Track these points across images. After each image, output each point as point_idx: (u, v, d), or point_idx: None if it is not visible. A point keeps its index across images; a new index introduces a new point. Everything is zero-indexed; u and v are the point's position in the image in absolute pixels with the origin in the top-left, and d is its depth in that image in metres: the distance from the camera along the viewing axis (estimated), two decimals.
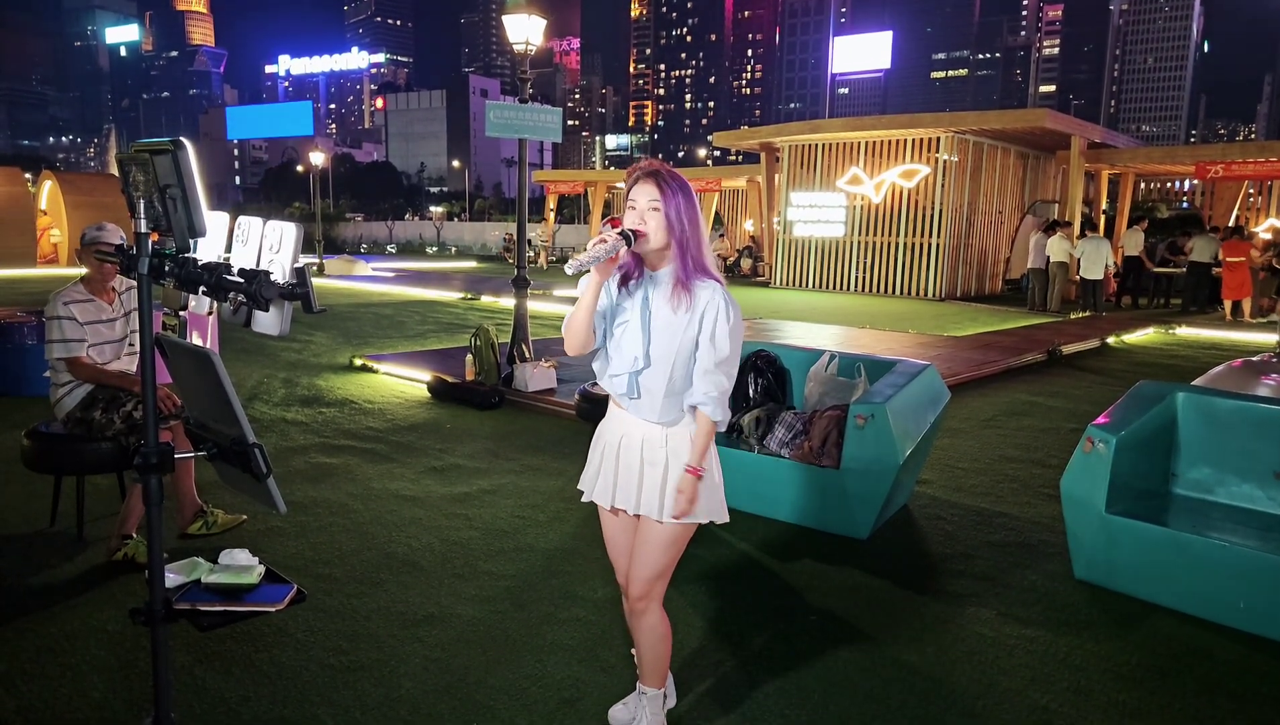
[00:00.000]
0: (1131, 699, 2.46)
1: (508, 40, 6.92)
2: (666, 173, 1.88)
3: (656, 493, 1.95)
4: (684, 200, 1.86)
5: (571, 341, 1.96)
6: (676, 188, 1.86)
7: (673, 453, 1.95)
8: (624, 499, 1.99)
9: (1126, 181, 19.05)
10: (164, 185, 1.35)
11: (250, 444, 1.43)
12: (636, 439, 1.97)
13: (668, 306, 1.89)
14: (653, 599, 2.04)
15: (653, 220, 1.85)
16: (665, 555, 2.01)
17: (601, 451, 2.04)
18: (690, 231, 1.87)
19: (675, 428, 1.96)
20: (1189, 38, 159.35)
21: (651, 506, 1.96)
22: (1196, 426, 3.42)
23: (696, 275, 1.89)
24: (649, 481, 1.96)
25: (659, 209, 1.84)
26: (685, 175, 1.97)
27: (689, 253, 1.88)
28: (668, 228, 1.86)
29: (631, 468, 1.97)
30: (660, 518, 1.95)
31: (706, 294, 1.89)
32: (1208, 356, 9.12)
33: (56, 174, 21.86)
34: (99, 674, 2.44)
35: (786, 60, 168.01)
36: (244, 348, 8.23)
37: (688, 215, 1.86)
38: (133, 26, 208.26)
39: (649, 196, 1.85)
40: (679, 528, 1.99)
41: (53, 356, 3.28)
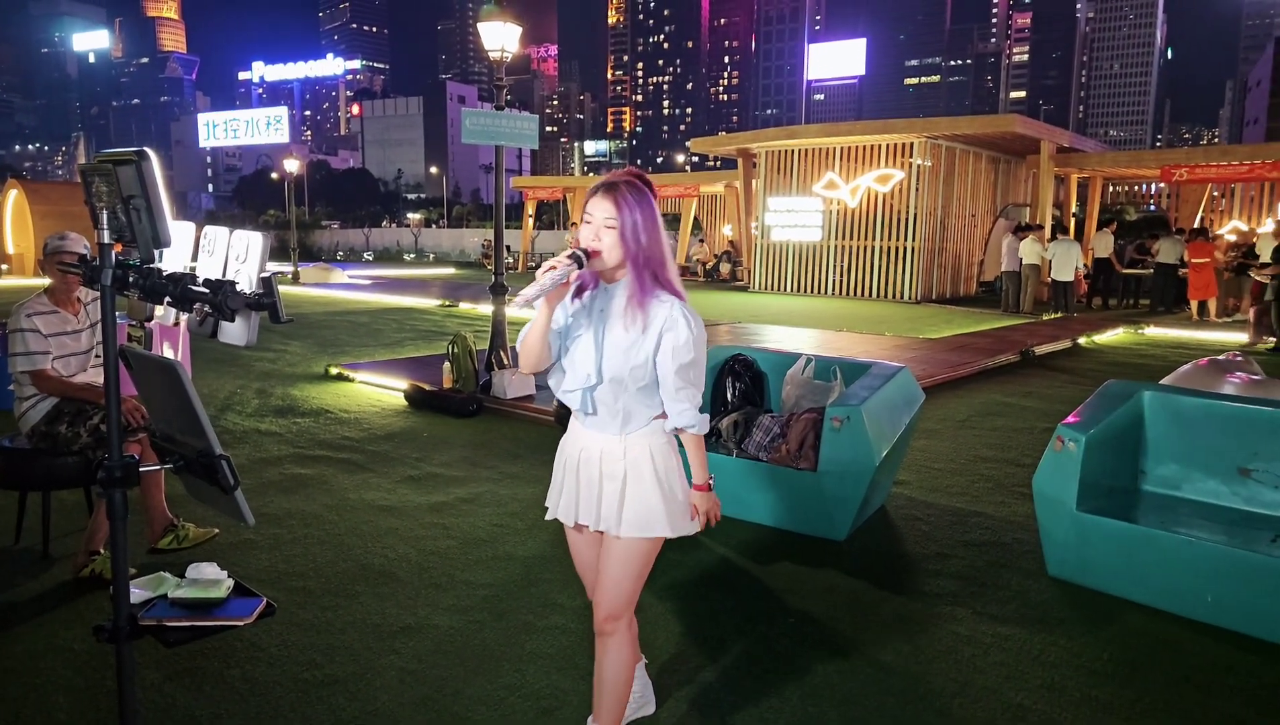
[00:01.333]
0: (1103, 694, 2.49)
1: (484, 47, 6.91)
2: (626, 185, 1.80)
3: (615, 507, 1.88)
4: (642, 215, 1.79)
5: (526, 361, 1.92)
6: (634, 202, 1.78)
7: (631, 464, 1.88)
8: (586, 514, 1.93)
9: (1095, 185, 19.41)
10: (128, 196, 1.33)
11: (217, 456, 1.41)
12: (595, 452, 1.91)
13: (621, 323, 1.83)
14: (620, 619, 1.96)
15: (607, 238, 1.79)
16: (629, 571, 1.93)
17: (563, 467, 1.99)
18: (649, 247, 1.80)
19: (634, 437, 1.89)
20: (1153, 45, 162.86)
21: (610, 521, 1.89)
22: (1164, 424, 3.48)
23: (654, 290, 1.82)
24: (608, 495, 1.89)
25: (614, 227, 1.78)
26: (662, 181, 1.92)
27: (645, 270, 1.81)
28: (623, 246, 1.79)
29: (591, 482, 1.92)
30: (620, 533, 1.88)
31: (663, 311, 1.81)
32: (1176, 356, 9.30)
33: (22, 182, 21.43)
34: (65, 694, 2.39)
35: (763, 67, 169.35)
36: (217, 358, 8.11)
37: (646, 231, 1.79)
38: (102, 33, 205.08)
39: (605, 213, 1.79)
40: (642, 543, 1.91)
41: (16, 369, 3.21)
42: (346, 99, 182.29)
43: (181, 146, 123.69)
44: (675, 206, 25.18)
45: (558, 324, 1.90)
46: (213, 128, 34.09)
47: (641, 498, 1.88)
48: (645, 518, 1.88)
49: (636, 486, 1.88)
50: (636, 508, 1.88)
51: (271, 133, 32.59)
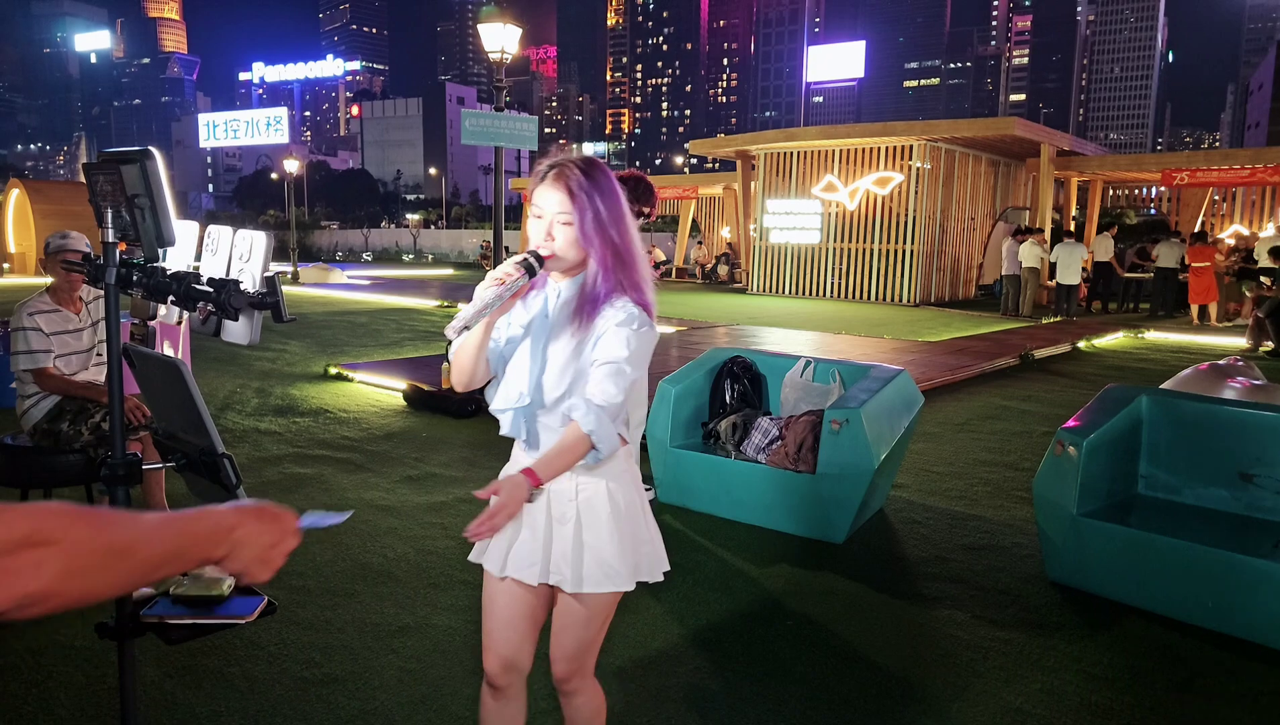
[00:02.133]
0: (1103, 699, 2.50)
1: (484, 48, 6.92)
2: (579, 168, 1.48)
3: (569, 559, 1.55)
4: (604, 203, 1.47)
5: (458, 376, 1.58)
6: (593, 190, 1.46)
7: (584, 505, 1.55)
8: (520, 566, 1.57)
9: (1095, 188, 19.44)
10: (132, 195, 1.34)
11: (219, 454, 1.42)
12: (541, 491, 1.52)
13: (569, 329, 1.51)
14: (583, 677, 1.68)
15: (563, 235, 1.47)
16: (591, 629, 1.63)
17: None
18: (606, 241, 1.47)
19: (588, 475, 1.55)
20: (1154, 48, 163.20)
21: (565, 577, 1.55)
22: (1164, 429, 3.49)
23: (615, 295, 1.49)
24: (559, 545, 1.55)
25: (570, 222, 1.47)
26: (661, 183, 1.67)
27: (603, 269, 1.48)
28: (585, 243, 1.47)
29: (536, 528, 1.57)
30: (581, 589, 1.55)
31: (611, 313, 1.49)
32: (1176, 360, 9.31)
33: (25, 182, 21.43)
34: (65, 691, 2.39)
35: (762, 69, 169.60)
36: (217, 357, 8.11)
37: (613, 222, 1.47)
38: (103, 33, 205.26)
39: (557, 206, 1.47)
40: (606, 598, 1.60)
41: (19, 368, 3.22)
42: (346, 100, 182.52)
43: (182, 147, 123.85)
44: (674, 209, 25.21)
45: (497, 333, 1.57)
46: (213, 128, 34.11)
47: (598, 547, 1.56)
48: (603, 571, 1.56)
49: (592, 534, 1.55)
50: (595, 559, 1.56)
51: (271, 133, 32.62)
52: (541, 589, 1.63)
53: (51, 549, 0.65)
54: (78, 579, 0.67)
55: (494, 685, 1.69)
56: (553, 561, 1.56)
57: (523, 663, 1.70)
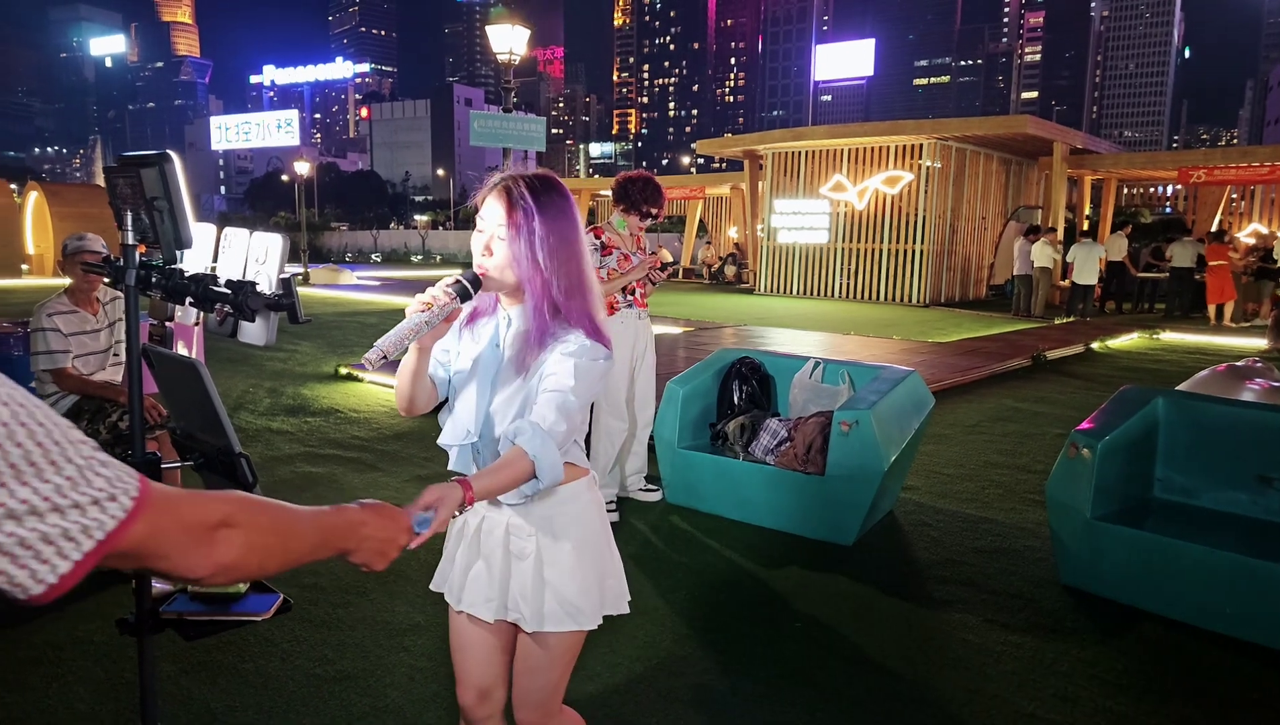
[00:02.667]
0: (1118, 705, 2.48)
1: (492, 50, 6.95)
2: (526, 183, 1.39)
3: (530, 597, 1.46)
4: (546, 223, 1.36)
5: (399, 402, 1.50)
6: (536, 206, 1.36)
7: (545, 541, 1.47)
8: (477, 600, 1.50)
9: (1109, 187, 19.30)
10: (151, 197, 1.36)
11: (236, 454, 1.43)
12: (499, 523, 1.48)
13: (517, 362, 1.41)
14: (551, 714, 1.59)
15: (499, 252, 1.37)
16: (554, 673, 1.54)
17: (458, 534, 1.56)
18: (555, 267, 1.36)
19: (546, 508, 1.47)
20: (1170, 44, 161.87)
21: (525, 614, 1.47)
22: (1180, 431, 3.46)
23: (559, 325, 1.38)
24: (517, 582, 1.47)
25: (504, 236, 1.37)
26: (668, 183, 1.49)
27: (546, 297, 1.37)
28: (518, 264, 1.36)
29: (493, 562, 1.49)
30: (543, 628, 1.47)
31: (562, 346, 1.38)
32: (1192, 361, 9.23)
33: (42, 185, 21.67)
34: (85, 685, 2.42)
35: (769, 68, 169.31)
36: (229, 357, 8.18)
37: (552, 244, 1.36)
38: (118, 38, 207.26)
39: (496, 219, 1.38)
40: (570, 638, 1.51)
41: (38, 368, 3.26)
42: (355, 102, 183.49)
43: (194, 149, 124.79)
44: (681, 209, 25.20)
45: (444, 358, 1.49)
46: (225, 130, 34.38)
47: (560, 585, 1.48)
48: (565, 610, 1.48)
49: (554, 570, 1.47)
50: (557, 597, 1.48)
51: (282, 135, 32.77)
52: (501, 624, 1.54)
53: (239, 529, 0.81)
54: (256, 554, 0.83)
55: (472, 719, 1.60)
56: (510, 598, 1.48)
57: (499, 692, 1.61)
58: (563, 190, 1.41)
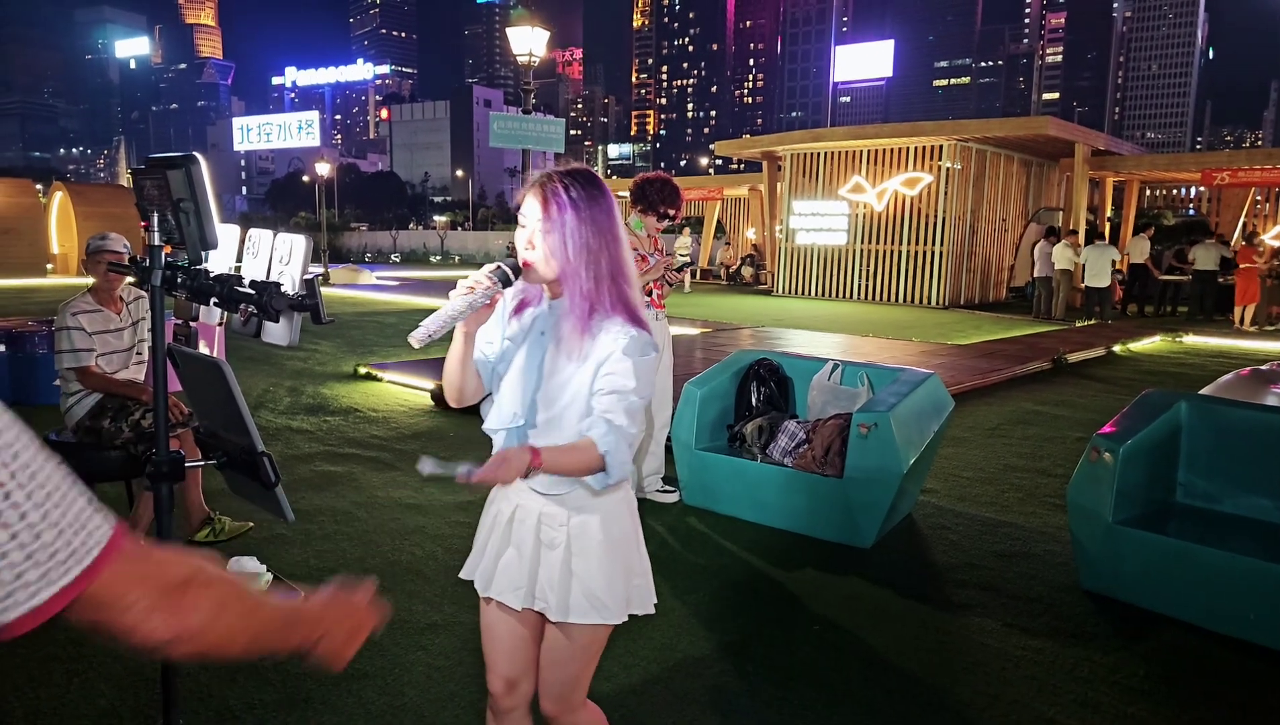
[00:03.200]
0: (1139, 711, 2.45)
1: (511, 51, 6.98)
2: (561, 178, 1.44)
3: (557, 587, 1.50)
4: (582, 217, 1.42)
5: (448, 392, 1.57)
6: (574, 201, 1.42)
7: (576, 531, 1.50)
8: (506, 588, 1.54)
9: (1131, 189, 19.06)
10: (177, 199, 1.38)
11: (259, 453, 1.45)
12: (532, 512, 1.52)
13: (563, 349, 1.46)
14: (572, 711, 1.63)
15: (541, 245, 1.43)
16: (578, 664, 1.58)
17: (490, 524, 1.60)
18: (583, 257, 1.42)
19: (580, 500, 1.51)
20: (1193, 44, 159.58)
21: (552, 605, 1.50)
22: (1203, 436, 3.41)
23: (599, 314, 1.44)
24: (547, 569, 1.51)
25: (545, 232, 1.43)
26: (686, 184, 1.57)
27: (580, 285, 1.43)
28: (558, 256, 1.43)
29: (524, 550, 1.53)
30: (568, 618, 1.50)
31: (608, 340, 1.43)
32: (1215, 365, 9.09)
33: (67, 185, 22.03)
34: (106, 681, 2.45)
35: (788, 69, 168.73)
36: (250, 356, 8.26)
37: (591, 237, 1.42)
38: (142, 39, 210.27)
39: (536, 215, 1.44)
40: (597, 631, 1.55)
41: (62, 366, 3.31)
42: (375, 103, 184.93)
43: (216, 150, 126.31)
44: (699, 210, 25.17)
45: (490, 349, 1.54)
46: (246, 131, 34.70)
47: (588, 577, 1.51)
48: (592, 603, 1.51)
49: (582, 562, 1.51)
50: (584, 589, 1.51)
51: (303, 136, 33.10)
52: (529, 614, 1.57)
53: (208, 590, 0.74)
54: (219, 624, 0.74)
55: (499, 708, 1.64)
56: (539, 586, 1.52)
57: (526, 684, 1.64)
58: (599, 184, 1.47)
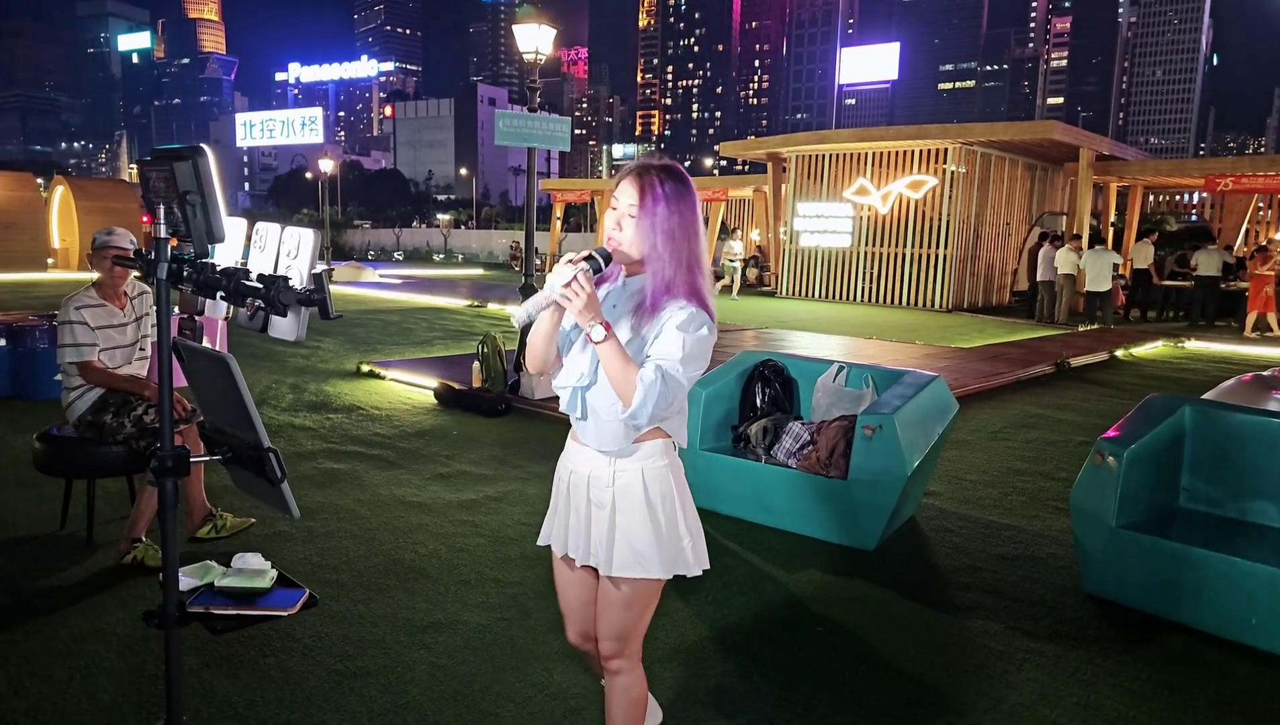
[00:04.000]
0: (1141, 715, 2.44)
1: (516, 49, 6.97)
2: (658, 172, 1.59)
3: (604, 542, 1.67)
4: (667, 210, 1.56)
5: (531, 361, 1.74)
6: (662, 194, 1.56)
7: (620, 492, 1.66)
8: (574, 546, 1.74)
9: (1135, 194, 19.03)
10: (184, 191, 1.37)
11: (265, 449, 1.44)
12: (583, 475, 1.71)
13: (629, 323, 1.61)
14: (626, 658, 1.77)
15: (629, 228, 1.59)
16: (630, 613, 1.72)
17: (557, 489, 1.81)
18: (668, 249, 1.56)
19: (625, 461, 1.67)
20: (1198, 50, 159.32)
21: (599, 557, 1.69)
22: (1207, 440, 3.40)
23: (672, 296, 1.58)
24: (596, 528, 1.69)
25: (636, 216, 1.57)
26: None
27: (663, 270, 1.57)
28: (645, 239, 1.57)
29: (579, 510, 1.72)
30: (610, 572, 1.68)
31: (670, 312, 1.58)
32: (1218, 370, 9.08)
33: (69, 179, 22.03)
34: (108, 677, 2.45)
35: (793, 71, 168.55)
36: (252, 353, 8.26)
37: (666, 227, 1.55)
38: (145, 34, 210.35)
39: (630, 199, 1.58)
40: (640, 584, 1.70)
41: (65, 361, 3.30)
42: (379, 100, 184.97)
43: (219, 146, 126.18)
44: (703, 211, 25.10)
45: (568, 324, 1.70)
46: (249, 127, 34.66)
47: (631, 533, 1.66)
48: (635, 557, 1.66)
49: (625, 519, 1.66)
50: (626, 544, 1.66)
51: (306, 133, 33.08)
52: (590, 569, 1.77)
53: None
54: None
55: (582, 652, 1.91)
56: (592, 543, 1.70)
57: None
58: (688, 181, 1.61)
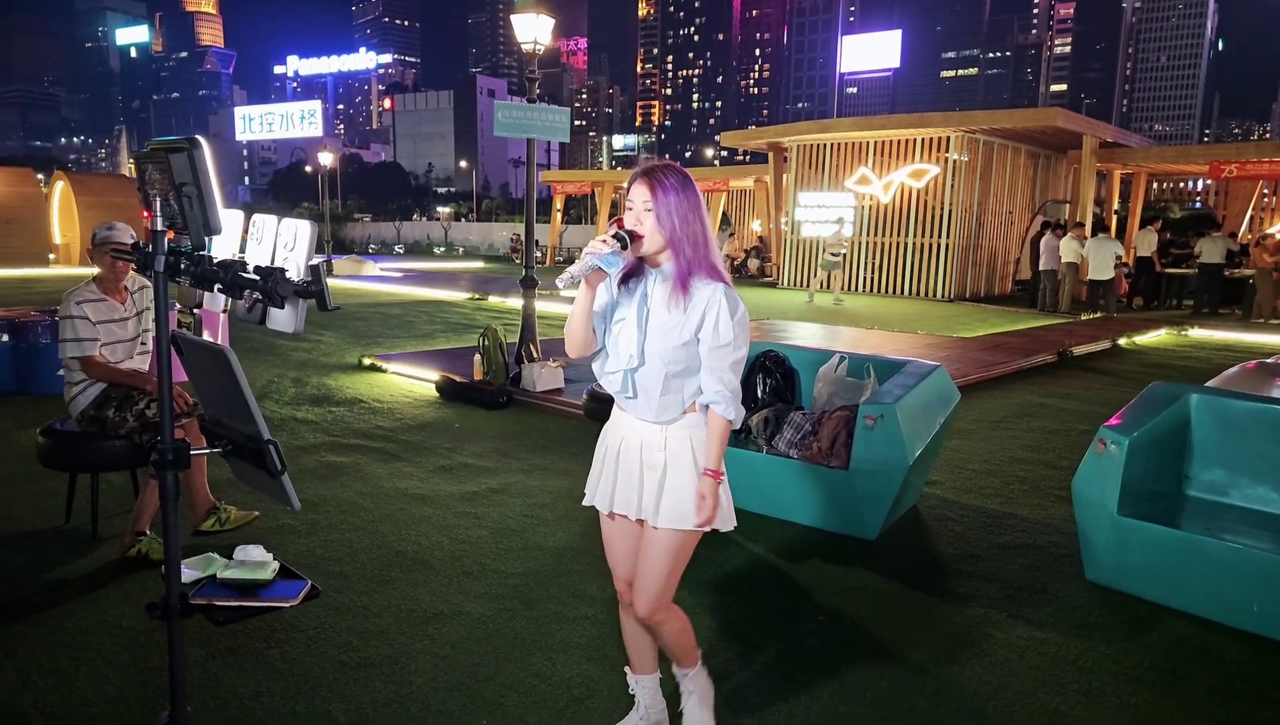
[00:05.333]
0: (1143, 702, 2.45)
1: (515, 40, 6.93)
2: (662, 170, 1.85)
3: (654, 497, 1.92)
4: (678, 197, 1.82)
5: (571, 344, 1.96)
6: (670, 186, 1.82)
7: (671, 455, 1.91)
8: (623, 504, 1.97)
9: (1139, 181, 18.95)
10: (180, 183, 1.37)
11: (265, 441, 1.44)
12: (635, 442, 1.94)
13: (664, 305, 1.87)
14: (662, 609, 2.02)
15: (647, 221, 1.83)
16: (669, 562, 1.97)
17: (603, 455, 2.03)
18: (684, 229, 1.82)
19: (673, 427, 1.92)
20: (1203, 36, 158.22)
21: (649, 511, 1.93)
22: (1210, 428, 3.40)
23: (696, 274, 1.85)
24: (648, 485, 1.93)
25: (651, 209, 1.82)
26: (692, 175, 1.92)
27: (683, 251, 1.83)
28: (662, 228, 1.82)
29: (631, 472, 1.95)
30: (657, 523, 1.92)
31: (706, 292, 1.84)
32: (1221, 358, 9.06)
33: (68, 174, 22.02)
34: (113, 669, 2.46)
35: (794, 60, 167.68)
36: (254, 347, 8.27)
37: (679, 212, 1.82)
38: (142, 28, 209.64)
39: (643, 197, 1.84)
40: (681, 534, 1.94)
41: (66, 356, 3.31)
42: (379, 92, 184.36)
43: (218, 139, 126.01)
44: (705, 200, 25.03)
45: (600, 304, 1.93)
46: (248, 121, 34.58)
47: (679, 489, 1.91)
48: (682, 509, 1.91)
49: (675, 477, 1.90)
50: (674, 499, 1.91)
51: (306, 126, 32.96)
52: (636, 527, 2.01)
53: None
54: None
55: (624, 602, 2.10)
56: (644, 500, 1.93)
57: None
58: (686, 175, 1.87)
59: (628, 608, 2.10)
